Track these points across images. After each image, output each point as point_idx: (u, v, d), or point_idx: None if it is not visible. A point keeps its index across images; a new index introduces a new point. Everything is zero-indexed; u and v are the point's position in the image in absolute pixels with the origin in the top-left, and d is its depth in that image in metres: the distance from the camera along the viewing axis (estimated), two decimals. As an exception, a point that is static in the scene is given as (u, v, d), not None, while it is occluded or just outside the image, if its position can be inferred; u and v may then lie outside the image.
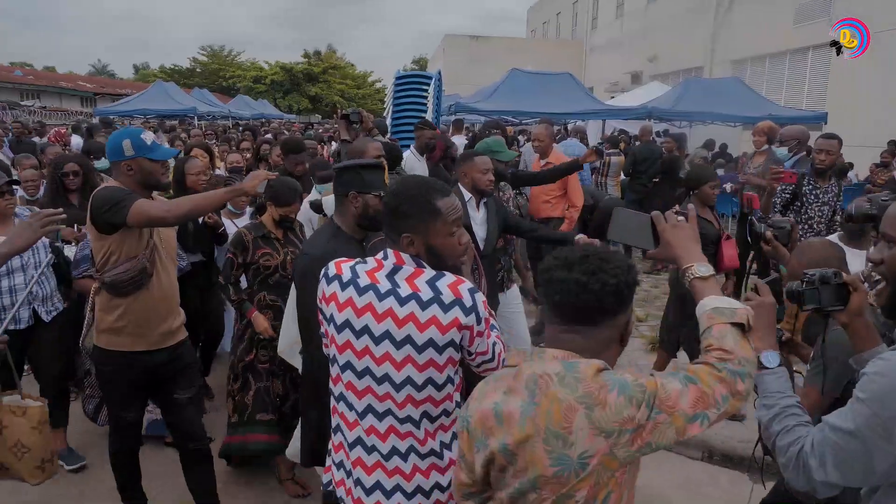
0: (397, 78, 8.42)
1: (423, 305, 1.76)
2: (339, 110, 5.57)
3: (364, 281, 1.84)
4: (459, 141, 8.80)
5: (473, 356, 1.87)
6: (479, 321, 1.79)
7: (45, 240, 3.63)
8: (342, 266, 1.92)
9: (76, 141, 11.89)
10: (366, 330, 1.82)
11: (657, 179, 8.79)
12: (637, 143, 10.79)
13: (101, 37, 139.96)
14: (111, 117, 16.64)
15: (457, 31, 68.95)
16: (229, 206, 4.69)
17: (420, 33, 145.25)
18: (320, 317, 1.99)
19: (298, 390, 3.46)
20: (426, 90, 8.18)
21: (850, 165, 11.39)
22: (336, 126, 8.60)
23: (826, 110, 13.27)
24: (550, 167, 5.68)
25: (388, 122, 8.11)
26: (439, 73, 8.64)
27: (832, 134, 4.96)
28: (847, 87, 14.17)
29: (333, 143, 11.10)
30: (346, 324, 1.86)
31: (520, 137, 12.05)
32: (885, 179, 8.98)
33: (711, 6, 19.88)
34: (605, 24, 29.80)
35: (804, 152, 5.97)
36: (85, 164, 4.80)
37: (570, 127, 13.27)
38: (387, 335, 1.80)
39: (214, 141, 11.04)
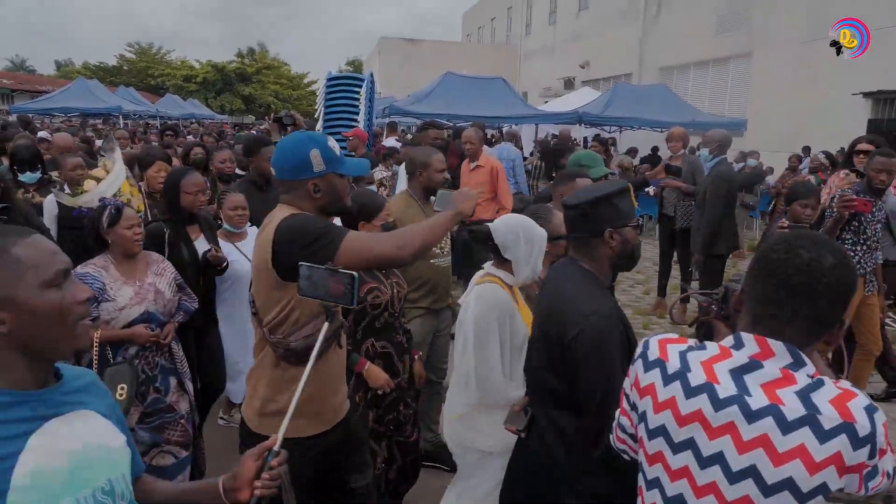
0: (329, 79, 8.34)
1: (786, 427, 1.22)
2: (271, 113, 5.52)
3: (698, 377, 1.33)
4: (392, 143, 8.78)
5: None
6: (872, 453, 1.22)
7: None
8: (668, 348, 1.43)
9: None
10: (689, 445, 1.33)
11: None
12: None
13: (19, 30, 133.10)
14: (29, 115, 15.85)
15: (390, 33, 68.77)
16: (227, 226, 4.10)
17: (354, 34, 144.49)
18: (623, 402, 1.55)
19: (409, 453, 3.14)
20: (358, 92, 8.13)
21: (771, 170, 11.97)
22: (268, 127, 8.47)
23: (746, 117, 13.93)
24: None
25: (320, 123, 8.03)
26: (371, 74, 8.61)
27: (890, 151, 4.63)
28: (766, 96, 14.88)
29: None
30: (661, 430, 1.38)
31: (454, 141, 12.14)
32: (790, 184, 9.49)
33: (640, 14, 20.54)
34: (538, 29, 30.34)
35: (724, 155, 6.23)
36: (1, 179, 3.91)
37: (504, 131, 13.45)
38: (717, 461, 1.29)
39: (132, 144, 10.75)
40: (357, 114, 7.99)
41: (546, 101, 19.55)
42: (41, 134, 10.68)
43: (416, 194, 3.76)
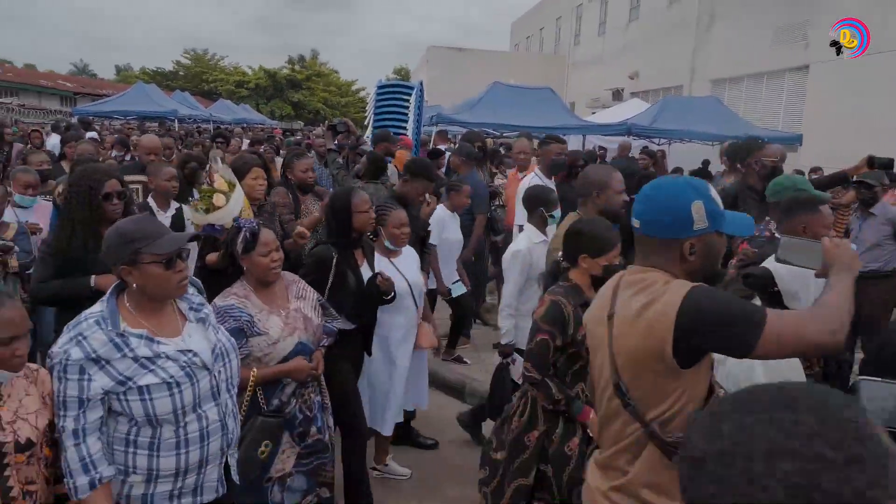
0: (379, 87, 8.45)
1: None
2: (324, 120, 5.55)
3: None
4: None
5: None
6: None
7: None
8: None
9: (53, 140, 11.74)
10: None
11: (632, 197, 8.88)
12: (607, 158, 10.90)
13: (83, 37, 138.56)
14: (89, 117, 16.45)
15: (439, 42, 69.29)
16: (388, 244, 3.73)
17: (402, 43, 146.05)
18: None
19: None
20: (407, 100, 8.22)
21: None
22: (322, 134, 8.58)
23: (801, 132, 13.56)
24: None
25: (369, 130, 8.13)
26: (421, 83, 8.68)
27: None
28: (822, 110, 14.47)
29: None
30: None
31: (501, 150, 12.12)
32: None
33: (692, 25, 20.23)
34: (587, 40, 30.15)
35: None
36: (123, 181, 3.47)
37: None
38: None
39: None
40: (406, 122, 8.07)
41: (593, 112, 19.39)
42: (89, 134, 10.97)
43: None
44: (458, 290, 5.43)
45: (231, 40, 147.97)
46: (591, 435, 2.61)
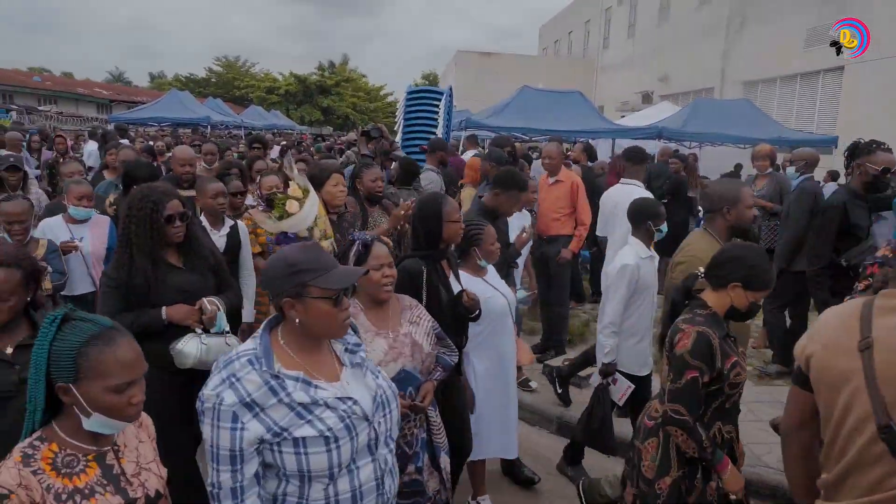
0: (409, 92, 8.51)
1: None
2: (358, 126, 5.57)
3: None
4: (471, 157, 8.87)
5: None
6: None
7: None
8: None
9: (91, 147, 12.02)
10: None
11: (665, 200, 8.83)
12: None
13: (118, 45, 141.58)
14: (125, 124, 16.84)
15: (466, 46, 69.38)
16: (480, 261, 3.48)
17: (431, 48, 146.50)
18: None
19: None
20: (437, 105, 8.28)
21: None
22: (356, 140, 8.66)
23: (837, 134, 13.31)
24: None
25: (399, 136, 8.20)
26: (450, 88, 8.73)
27: None
28: (858, 111, 14.20)
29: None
30: None
31: (531, 154, 12.12)
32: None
33: (722, 27, 20.01)
34: (616, 43, 29.97)
35: (811, 174, 6.00)
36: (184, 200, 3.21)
37: (578, 146, 13.33)
38: None
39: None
40: (436, 127, 8.13)
41: (623, 116, 19.26)
42: (122, 141, 11.10)
43: (718, 234, 3.35)
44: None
45: (262, 47, 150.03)
46: (727, 488, 2.47)
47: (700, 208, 8.49)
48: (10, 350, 2.25)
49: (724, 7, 20.05)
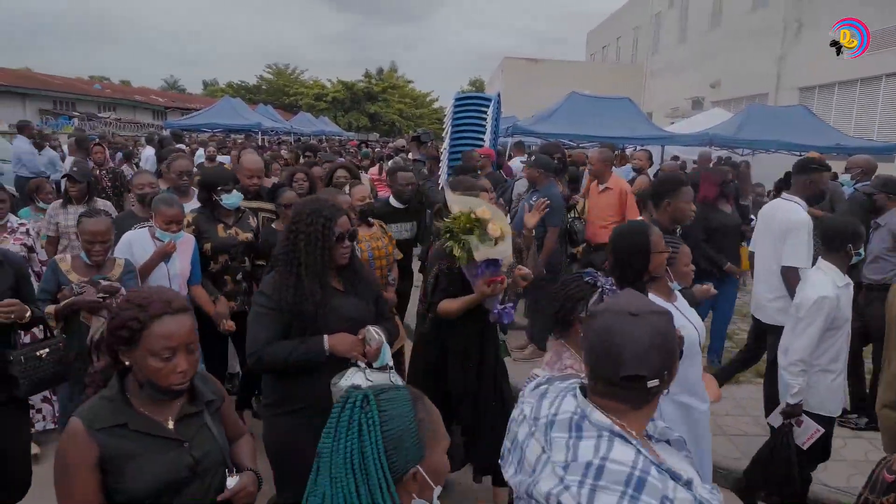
0: (457, 99, 8.52)
1: None
2: (410, 131, 5.61)
3: None
4: (518, 164, 8.86)
5: None
6: None
7: None
8: None
9: (148, 152, 12.41)
10: None
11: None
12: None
13: (172, 53, 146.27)
14: (180, 130, 17.34)
15: (513, 53, 69.32)
16: (674, 285, 3.08)
17: (477, 55, 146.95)
18: None
19: None
20: (485, 112, 8.27)
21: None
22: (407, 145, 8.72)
23: (899, 141, 12.83)
24: None
25: (447, 142, 8.22)
26: (498, 95, 8.72)
27: None
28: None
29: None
30: None
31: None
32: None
33: (779, 31, 19.50)
34: (666, 48, 29.51)
35: (868, 182, 5.80)
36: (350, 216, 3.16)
37: (628, 152, 13.16)
38: None
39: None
40: (483, 133, 8.12)
41: (672, 122, 18.94)
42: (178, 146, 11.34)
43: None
44: None
45: (311, 55, 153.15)
46: None
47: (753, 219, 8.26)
48: (171, 424, 1.86)
49: (780, 10, 19.54)
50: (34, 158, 10.54)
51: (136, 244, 4.02)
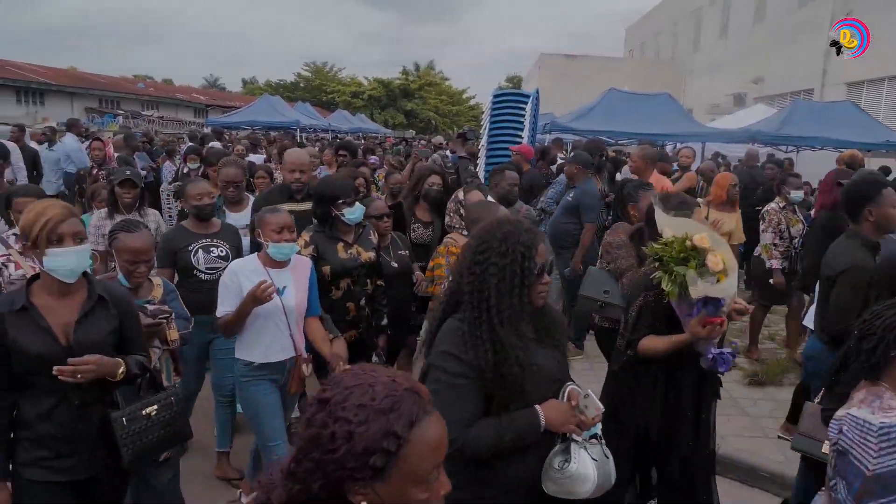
0: (495, 96, 8.48)
1: None
2: (454, 129, 5.57)
3: None
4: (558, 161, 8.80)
5: None
6: None
7: None
8: None
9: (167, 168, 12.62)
10: None
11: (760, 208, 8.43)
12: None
13: (213, 52, 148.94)
14: (221, 128, 17.63)
15: (550, 49, 68.85)
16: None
17: (514, 52, 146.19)
18: None
19: None
20: (524, 109, 8.22)
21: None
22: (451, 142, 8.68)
23: (953, 138, 12.37)
24: None
25: (485, 139, 8.20)
26: (537, 91, 8.66)
27: None
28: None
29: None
30: None
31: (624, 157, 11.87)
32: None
33: (825, 25, 18.97)
34: (707, 44, 28.97)
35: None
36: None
37: (668, 150, 12.97)
38: None
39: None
40: (521, 130, 8.08)
41: (713, 119, 18.59)
42: (213, 144, 11.40)
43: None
44: None
45: (348, 53, 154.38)
46: None
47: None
48: None
49: (828, 3, 19.02)
50: (82, 155, 10.83)
51: (244, 275, 3.22)
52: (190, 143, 12.30)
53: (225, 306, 3.23)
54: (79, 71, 39.34)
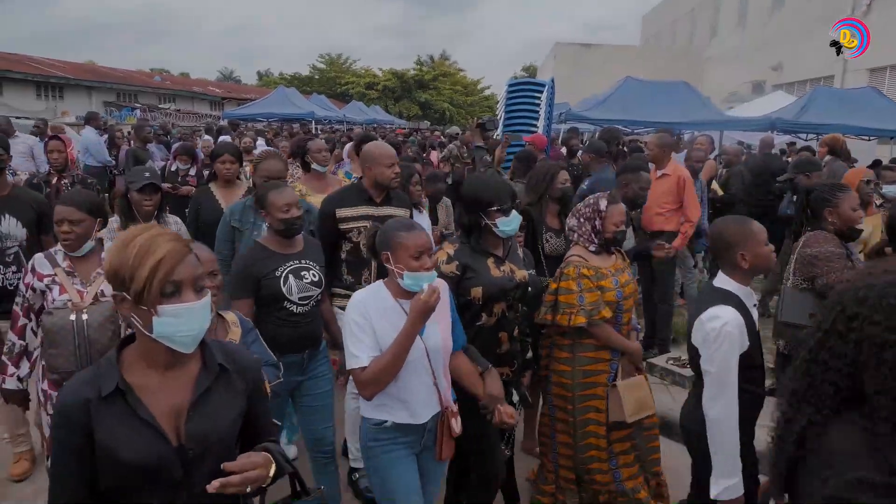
0: (510, 85, 8.44)
1: None
2: (474, 118, 5.44)
3: None
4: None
5: None
6: None
7: None
8: None
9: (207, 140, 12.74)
10: None
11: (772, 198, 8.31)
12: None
13: (228, 45, 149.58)
14: (237, 120, 17.74)
15: (565, 38, 68.32)
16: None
17: (528, 42, 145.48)
18: None
19: None
20: (539, 98, 8.17)
21: None
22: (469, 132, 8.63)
23: (978, 124, 12.14)
24: None
25: (500, 128, 8.17)
26: (552, 80, 8.59)
27: None
28: None
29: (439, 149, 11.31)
30: None
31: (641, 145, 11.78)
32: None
33: (846, 10, 18.66)
34: (725, 31, 28.63)
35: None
36: None
37: (686, 138, 12.83)
38: None
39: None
40: (537, 119, 8.04)
41: (730, 107, 18.38)
42: (223, 137, 11.44)
43: None
44: None
45: (362, 45, 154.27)
46: None
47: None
48: None
49: (849, -11, 18.72)
50: (101, 148, 10.95)
51: (378, 312, 2.49)
52: (206, 137, 12.38)
53: (363, 352, 2.41)
54: (97, 65, 39.67)
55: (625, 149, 8.21)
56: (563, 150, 9.63)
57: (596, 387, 3.35)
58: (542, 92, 8.19)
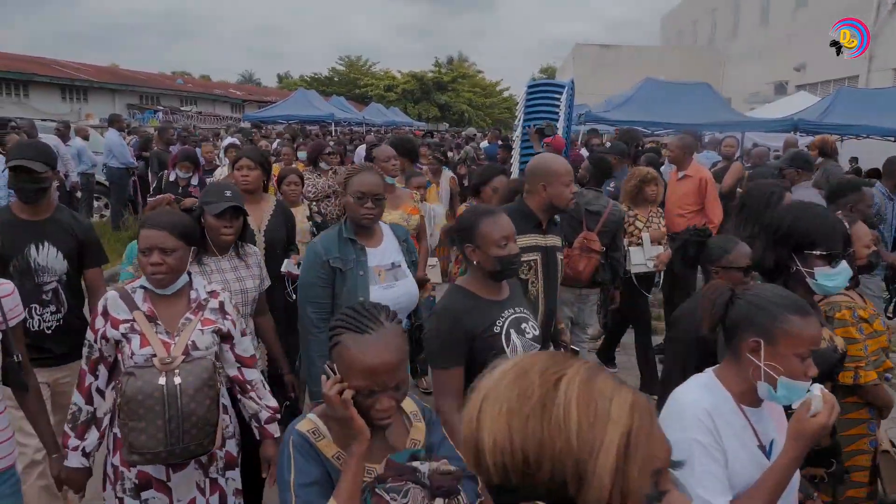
0: (529, 86, 8.39)
1: None
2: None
3: None
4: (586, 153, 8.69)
5: None
6: None
7: None
8: None
9: (228, 143, 12.85)
10: None
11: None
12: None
13: (248, 48, 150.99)
14: (259, 122, 17.89)
15: (584, 39, 68.04)
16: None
17: (548, 42, 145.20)
18: None
19: None
20: (558, 99, 8.12)
21: None
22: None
23: None
24: None
25: (518, 130, 8.14)
26: (572, 81, 8.55)
27: None
28: None
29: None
30: None
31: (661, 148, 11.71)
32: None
33: (871, 9, 18.37)
34: (746, 31, 28.31)
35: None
36: None
37: (707, 139, 12.72)
38: None
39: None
40: (556, 121, 7.99)
41: (752, 108, 18.17)
42: (229, 140, 11.57)
43: None
44: None
45: (381, 46, 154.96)
46: None
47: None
48: None
49: (873, -13, 18.44)
50: (124, 150, 11.11)
51: (723, 418, 1.78)
52: (229, 139, 12.49)
53: (720, 497, 1.59)
54: (120, 68, 40.18)
55: (643, 150, 8.17)
56: (583, 151, 9.60)
57: (857, 455, 2.51)
58: (561, 93, 8.14)
